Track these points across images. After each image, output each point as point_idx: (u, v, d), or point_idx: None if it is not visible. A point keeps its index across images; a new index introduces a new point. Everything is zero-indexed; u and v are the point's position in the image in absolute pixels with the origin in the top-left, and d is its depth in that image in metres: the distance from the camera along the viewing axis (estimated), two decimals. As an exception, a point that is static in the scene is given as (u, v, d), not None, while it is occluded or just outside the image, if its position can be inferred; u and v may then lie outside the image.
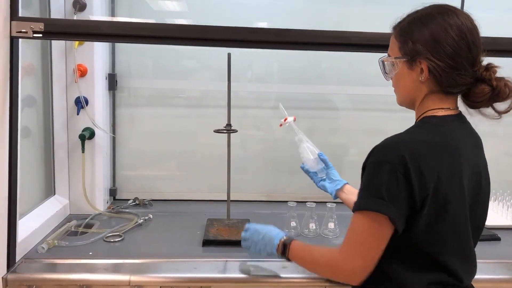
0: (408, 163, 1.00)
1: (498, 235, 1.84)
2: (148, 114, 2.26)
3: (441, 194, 1.03)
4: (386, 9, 1.18)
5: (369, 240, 1.05)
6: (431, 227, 1.05)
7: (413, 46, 1.09)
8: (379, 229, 1.03)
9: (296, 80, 2.27)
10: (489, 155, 1.19)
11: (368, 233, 1.04)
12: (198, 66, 2.29)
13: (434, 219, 1.04)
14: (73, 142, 1.96)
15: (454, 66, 1.06)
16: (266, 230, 1.35)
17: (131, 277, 1.43)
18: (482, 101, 1.09)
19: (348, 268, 1.08)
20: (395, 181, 1.00)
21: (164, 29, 1.53)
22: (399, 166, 1.00)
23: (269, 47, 1.55)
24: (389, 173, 1.00)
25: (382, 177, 1.01)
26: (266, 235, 1.33)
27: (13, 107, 1.41)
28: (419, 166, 1.01)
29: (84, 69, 1.91)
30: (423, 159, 1.02)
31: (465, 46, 1.06)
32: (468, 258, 1.15)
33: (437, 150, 1.05)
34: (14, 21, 1.37)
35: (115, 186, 2.26)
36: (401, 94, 1.19)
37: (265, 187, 2.31)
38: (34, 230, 1.64)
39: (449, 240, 1.08)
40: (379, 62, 1.20)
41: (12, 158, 1.42)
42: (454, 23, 1.06)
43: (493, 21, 1.92)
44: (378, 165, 1.03)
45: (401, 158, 1.00)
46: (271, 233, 1.33)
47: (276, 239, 1.30)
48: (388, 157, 1.02)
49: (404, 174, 1.00)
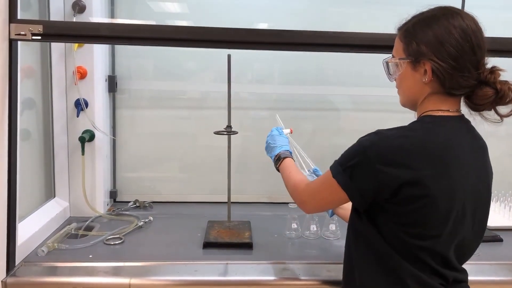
0: (375, 152, 1.06)
1: (500, 236, 1.83)
2: (148, 116, 2.25)
3: (420, 189, 1.03)
4: (386, 10, 1.17)
5: (325, 192, 1.20)
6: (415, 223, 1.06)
7: (417, 47, 1.09)
8: (335, 190, 1.14)
9: (297, 81, 2.26)
10: (492, 155, 1.19)
11: (326, 188, 1.18)
12: (198, 67, 2.28)
13: (415, 214, 1.05)
14: (73, 144, 1.95)
15: (457, 67, 1.06)
16: (277, 140, 1.56)
17: (131, 280, 1.42)
18: (485, 104, 1.08)
19: (304, 200, 1.29)
20: (361, 162, 1.08)
21: (164, 31, 1.52)
22: (370, 152, 1.06)
23: (270, 48, 1.54)
24: (360, 154, 1.08)
25: (353, 153, 1.10)
26: (275, 143, 1.55)
27: (12, 109, 1.40)
28: (388, 159, 1.05)
29: (84, 71, 1.90)
30: (397, 154, 1.05)
31: (469, 48, 1.05)
32: (466, 254, 1.17)
33: (420, 147, 1.05)
34: (13, 23, 1.36)
35: (116, 188, 2.25)
36: (405, 95, 1.19)
37: (266, 188, 2.30)
38: (34, 233, 1.63)
39: (442, 237, 1.08)
40: (383, 63, 1.20)
41: (12, 160, 1.41)
42: (459, 25, 1.06)
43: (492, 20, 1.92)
44: (357, 143, 1.12)
45: (374, 146, 1.07)
46: (278, 143, 1.55)
47: (277, 150, 1.51)
48: (367, 143, 1.08)
49: (370, 160, 1.06)
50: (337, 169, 1.13)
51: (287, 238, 1.80)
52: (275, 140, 1.57)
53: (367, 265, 1.14)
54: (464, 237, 1.12)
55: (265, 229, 1.86)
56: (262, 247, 1.70)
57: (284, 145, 1.54)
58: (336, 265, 1.52)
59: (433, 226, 1.06)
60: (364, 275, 1.16)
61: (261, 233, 1.82)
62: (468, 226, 1.12)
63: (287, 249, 1.74)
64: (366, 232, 1.14)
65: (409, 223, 1.07)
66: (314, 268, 1.52)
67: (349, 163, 1.10)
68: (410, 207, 1.05)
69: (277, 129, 1.64)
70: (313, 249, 1.72)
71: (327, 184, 1.16)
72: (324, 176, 1.19)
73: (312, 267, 1.53)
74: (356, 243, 1.19)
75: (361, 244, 1.17)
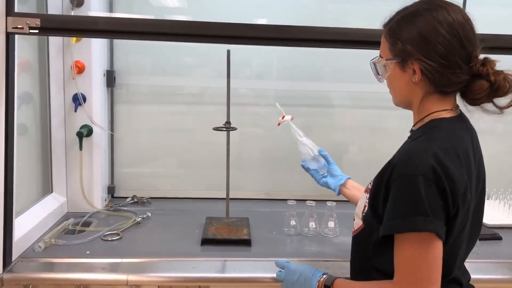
0: (439, 172, 0.95)
1: (500, 234, 1.83)
2: (147, 111, 2.24)
3: (467, 200, 1.00)
4: (386, 5, 1.15)
5: (426, 263, 0.94)
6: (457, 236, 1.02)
7: (403, 47, 1.04)
8: (433, 248, 0.94)
9: (296, 77, 2.25)
10: (490, 153, 1.18)
11: (423, 255, 0.94)
12: (197, 62, 2.27)
13: (460, 227, 1.01)
14: (70, 139, 1.94)
15: (447, 65, 1.01)
16: (301, 270, 1.28)
17: (129, 277, 1.42)
18: (481, 97, 1.03)
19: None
20: (433, 193, 0.94)
21: (163, 25, 1.50)
22: (433, 176, 0.94)
23: (270, 43, 1.52)
24: (425, 186, 0.94)
25: (419, 191, 0.94)
26: (301, 274, 1.27)
27: (9, 104, 1.38)
28: (449, 174, 0.95)
29: (81, 66, 1.89)
30: (450, 166, 0.96)
31: (458, 43, 1.00)
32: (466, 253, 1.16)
33: (457, 155, 1.00)
34: (10, 16, 1.34)
35: (113, 183, 2.24)
36: (397, 95, 1.15)
37: (264, 185, 2.29)
38: (30, 229, 1.62)
39: (458, 241, 1.05)
40: (371, 64, 1.16)
41: (8, 155, 1.40)
42: (444, 19, 1.01)
43: (495, 17, 1.91)
44: (411, 178, 0.95)
45: (432, 168, 0.95)
46: (307, 272, 1.26)
47: (314, 279, 1.23)
48: (420, 169, 0.95)
49: (437, 184, 0.94)
50: (419, 219, 0.93)
51: (286, 235, 1.80)
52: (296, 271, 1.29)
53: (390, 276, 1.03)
54: (468, 236, 1.10)
55: (263, 226, 1.85)
56: (260, 244, 1.69)
57: (312, 269, 1.27)
58: (335, 262, 1.52)
59: (454, 230, 1.01)
60: None
61: (260, 230, 1.81)
62: (471, 225, 1.10)
63: (285, 246, 1.73)
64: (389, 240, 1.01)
65: None
66: (313, 265, 1.49)
67: (425, 204, 0.93)
68: (461, 221, 1.00)
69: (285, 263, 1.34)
70: (312, 246, 1.71)
71: (419, 250, 0.94)
72: (407, 249, 0.95)
73: (311, 264, 1.51)
74: (378, 249, 1.09)
75: (384, 251, 1.05)
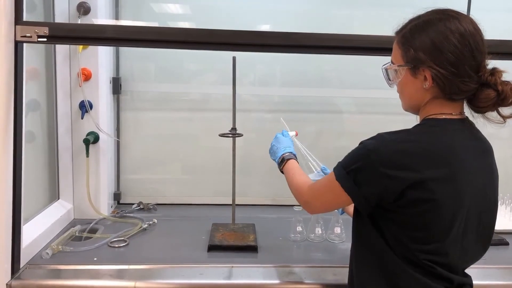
0: (381, 153, 1.05)
1: (507, 239, 1.82)
2: (152, 117, 2.25)
3: (424, 192, 1.02)
4: (391, 12, 1.16)
5: (328, 194, 1.19)
6: (420, 227, 1.05)
7: (415, 54, 1.08)
8: (338, 193, 1.12)
9: (300, 83, 2.26)
10: (496, 157, 1.17)
11: (330, 189, 1.17)
12: (202, 69, 2.28)
13: (419, 218, 1.05)
14: (77, 146, 1.95)
15: (457, 73, 1.04)
16: (281, 142, 1.57)
17: (136, 283, 1.42)
18: (487, 106, 1.07)
19: (307, 201, 1.28)
20: (366, 168, 1.06)
21: (169, 33, 1.51)
22: (377, 159, 1.05)
23: (276, 50, 1.53)
24: (364, 160, 1.07)
25: (358, 159, 1.08)
26: (279, 145, 1.55)
27: (17, 111, 1.40)
28: (397, 163, 1.04)
29: (88, 73, 1.90)
30: (404, 157, 1.04)
31: (468, 53, 1.04)
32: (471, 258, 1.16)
33: (426, 149, 1.05)
34: (18, 25, 1.36)
35: (119, 190, 2.25)
36: (407, 101, 1.18)
37: (270, 191, 2.29)
38: (38, 236, 1.63)
39: (446, 241, 1.07)
40: (383, 70, 1.19)
41: (17, 162, 1.41)
42: (456, 29, 1.04)
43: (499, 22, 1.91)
44: (360, 145, 1.10)
45: (375, 147, 1.06)
46: (281, 144, 1.55)
47: (281, 152, 1.51)
48: (370, 145, 1.07)
49: (370, 160, 1.05)
50: (341, 171, 1.11)
51: (292, 241, 1.79)
52: (279, 142, 1.57)
53: (370, 269, 1.13)
54: (469, 241, 1.11)
55: (269, 232, 1.85)
56: (267, 250, 1.69)
57: (287, 147, 1.54)
58: (342, 269, 1.51)
59: (437, 230, 1.05)
60: (365, 279, 1.15)
61: (266, 236, 1.81)
62: (473, 230, 1.11)
63: (292, 252, 1.73)
64: (369, 236, 1.13)
65: (413, 227, 1.06)
66: (320, 271, 1.52)
67: (353, 166, 1.09)
68: (414, 210, 1.04)
69: (281, 133, 1.64)
70: (318, 252, 1.71)
71: (330, 186, 1.15)
72: (327, 178, 1.18)
73: (318, 270, 1.52)
74: (358, 247, 1.18)
75: (363, 248, 1.16)
